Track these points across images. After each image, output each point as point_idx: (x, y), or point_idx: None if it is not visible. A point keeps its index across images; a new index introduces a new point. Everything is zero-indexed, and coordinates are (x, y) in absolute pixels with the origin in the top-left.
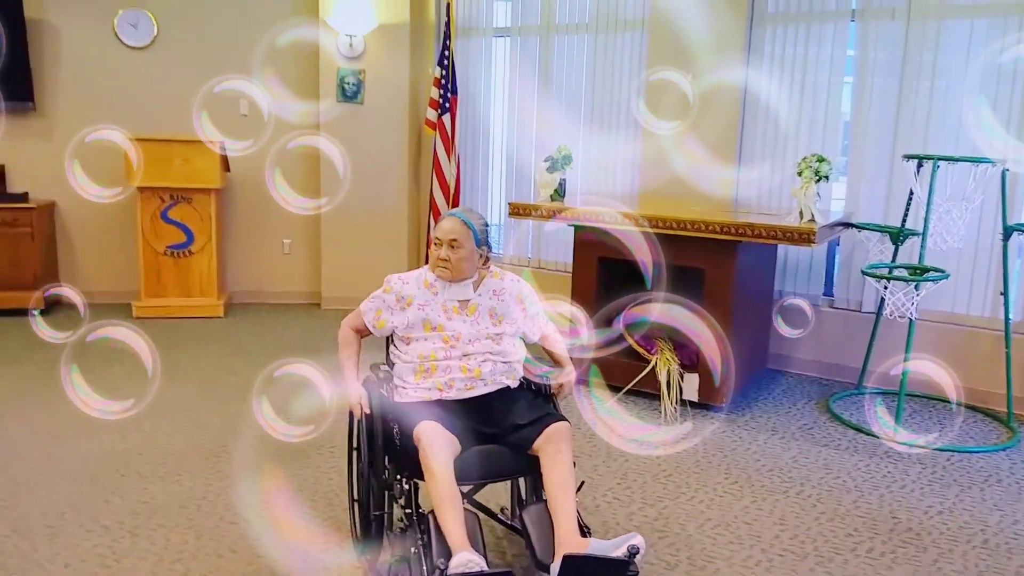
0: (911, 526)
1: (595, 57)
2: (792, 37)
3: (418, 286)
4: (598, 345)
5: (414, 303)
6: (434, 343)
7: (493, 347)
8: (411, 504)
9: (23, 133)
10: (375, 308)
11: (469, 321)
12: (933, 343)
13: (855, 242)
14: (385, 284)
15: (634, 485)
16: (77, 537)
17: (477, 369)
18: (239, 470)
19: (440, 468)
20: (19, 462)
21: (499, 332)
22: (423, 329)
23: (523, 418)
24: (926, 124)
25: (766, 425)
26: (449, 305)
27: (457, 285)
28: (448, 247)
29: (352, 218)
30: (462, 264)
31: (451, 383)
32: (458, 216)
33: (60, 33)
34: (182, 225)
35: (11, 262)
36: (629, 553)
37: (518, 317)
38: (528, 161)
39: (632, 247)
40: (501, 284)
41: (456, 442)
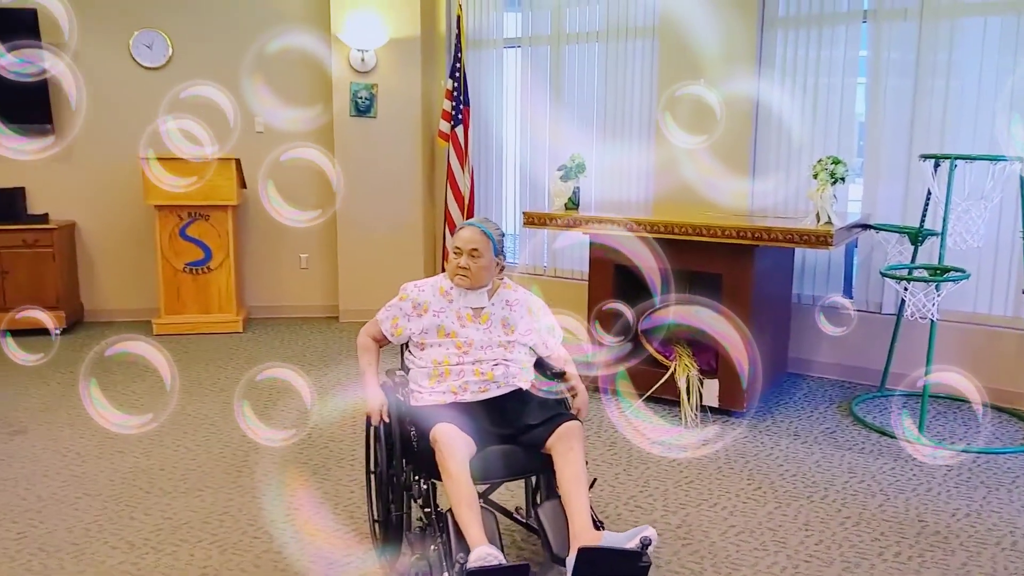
0: (938, 529)
1: (606, 65)
2: (804, 40)
3: (433, 293)
4: (608, 363)
5: (430, 310)
6: (447, 349)
7: (505, 353)
8: (429, 504)
9: (42, 155)
10: (392, 316)
11: (482, 329)
12: (955, 344)
13: (873, 244)
14: (401, 292)
15: (656, 492)
16: (102, 554)
17: (490, 372)
18: (261, 484)
19: (457, 468)
20: (44, 480)
21: (511, 340)
22: (437, 335)
23: (535, 418)
24: (942, 123)
25: (788, 429)
26: (463, 312)
27: (473, 293)
28: (468, 256)
29: (368, 231)
30: (482, 273)
31: (465, 386)
32: (477, 226)
33: (77, 56)
34: (200, 242)
35: (33, 282)
36: (642, 544)
37: (530, 328)
38: (542, 170)
39: (642, 266)
40: (515, 295)
41: (471, 443)
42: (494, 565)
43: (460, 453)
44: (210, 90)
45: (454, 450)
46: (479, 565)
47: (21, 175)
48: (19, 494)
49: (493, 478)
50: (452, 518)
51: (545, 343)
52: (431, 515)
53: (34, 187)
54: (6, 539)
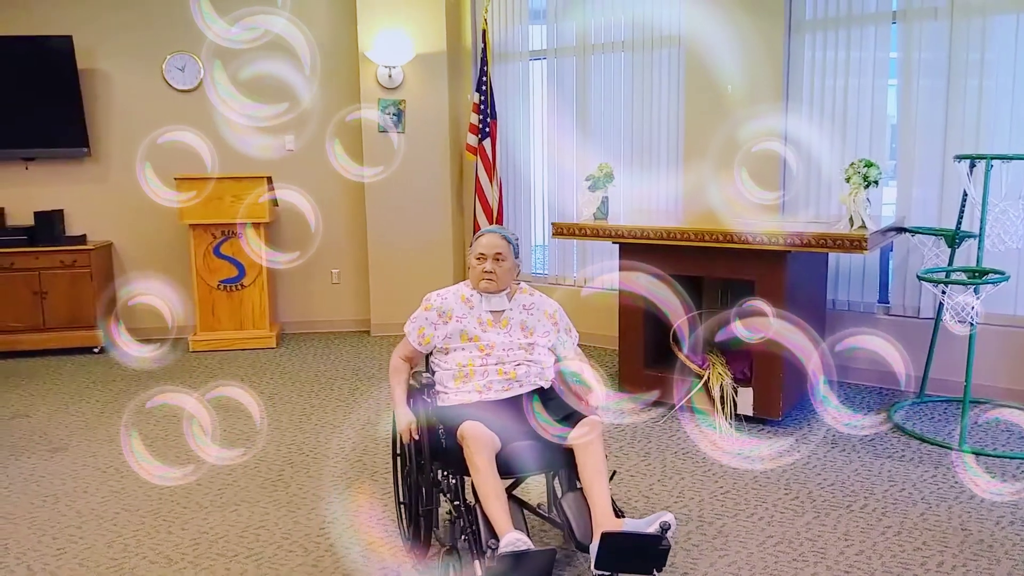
0: (982, 538)
1: (632, 75)
2: (832, 42)
3: (456, 300)
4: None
5: (453, 316)
6: (471, 352)
7: (526, 355)
8: (458, 497)
9: (80, 178)
10: (418, 327)
11: (503, 332)
12: (996, 347)
13: (909, 247)
14: (425, 303)
15: (691, 503)
16: (141, 569)
17: (513, 372)
18: (296, 498)
19: (484, 463)
20: (84, 496)
21: (531, 343)
22: (460, 340)
23: (557, 415)
24: (977, 123)
25: (825, 438)
26: (484, 318)
27: (495, 298)
28: (493, 260)
29: (398, 246)
30: (506, 276)
31: (489, 385)
32: (497, 231)
33: (112, 80)
34: (234, 260)
35: (71, 302)
36: (661, 529)
37: (549, 330)
38: (570, 181)
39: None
40: (531, 300)
41: (496, 439)
42: (523, 550)
43: (487, 448)
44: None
45: (481, 445)
46: (510, 550)
47: (59, 198)
48: (59, 510)
49: (517, 473)
50: (481, 510)
51: (563, 344)
52: (460, 507)
53: (72, 209)
54: (47, 555)
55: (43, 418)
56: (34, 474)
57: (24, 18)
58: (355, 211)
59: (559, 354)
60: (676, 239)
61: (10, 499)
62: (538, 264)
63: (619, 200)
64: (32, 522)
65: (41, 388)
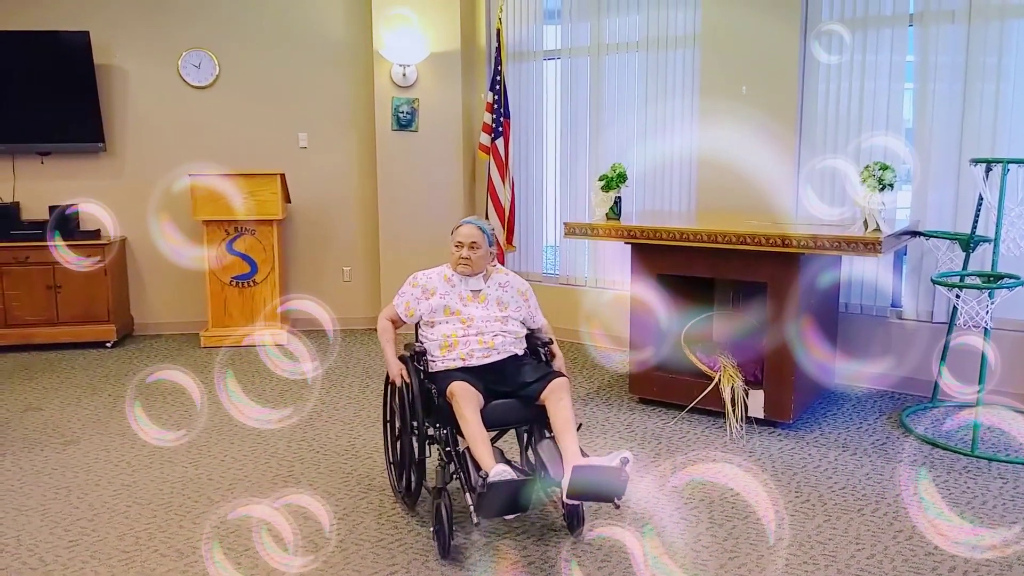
0: (994, 543)
1: (647, 75)
2: (848, 44)
3: (439, 280)
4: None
5: (436, 293)
6: (453, 325)
7: (502, 327)
8: (449, 444)
9: (95, 173)
10: (405, 301)
11: (481, 307)
12: (1010, 352)
13: (923, 251)
14: (412, 280)
15: (700, 506)
16: (152, 562)
17: (491, 341)
18: (306, 494)
19: (471, 413)
20: (96, 489)
21: (505, 315)
22: (443, 314)
23: (530, 377)
24: (993, 127)
25: (836, 441)
26: (464, 294)
27: (472, 278)
28: (469, 248)
29: (409, 243)
30: (480, 261)
31: (471, 353)
32: (474, 223)
33: (128, 76)
34: (246, 256)
35: (86, 296)
36: (621, 462)
37: (521, 306)
38: (582, 181)
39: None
40: (506, 279)
41: (480, 396)
42: (509, 479)
43: (473, 402)
44: None
45: (468, 400)
46: (499, 478)
47: (74, 193)
48: (72, 503)
49: (498, 426)
50: (469, 454)
51: (533, 318)
52: (451, 453)
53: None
54: (59, 547)
55: (56, 411)
56: (47, 467)
57: (42, 13)
58: (367, 209)
59: (529, 326)
60: (689, 240)
61: (23, 491)
62: (549, 265)
63: (632, 200)
64: (45, 514)
65: (54, 382)
